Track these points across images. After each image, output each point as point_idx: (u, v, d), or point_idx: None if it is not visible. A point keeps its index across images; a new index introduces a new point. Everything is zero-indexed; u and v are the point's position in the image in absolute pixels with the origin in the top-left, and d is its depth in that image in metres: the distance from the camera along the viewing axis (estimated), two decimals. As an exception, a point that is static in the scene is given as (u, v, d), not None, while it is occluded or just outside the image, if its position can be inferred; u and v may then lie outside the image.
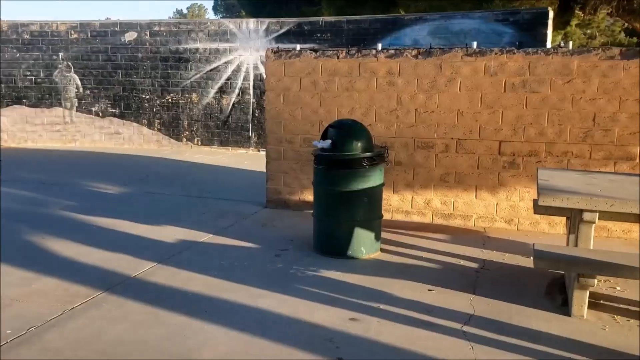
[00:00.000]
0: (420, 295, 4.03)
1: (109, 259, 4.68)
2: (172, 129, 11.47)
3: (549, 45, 8.76)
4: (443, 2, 12.96)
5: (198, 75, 11.15)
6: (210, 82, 11.12)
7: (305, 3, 20.58)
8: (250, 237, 5.36)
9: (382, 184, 4.89)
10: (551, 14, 8.64)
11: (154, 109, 11.49)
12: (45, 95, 11.83)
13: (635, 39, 23.06)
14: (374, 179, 4.78)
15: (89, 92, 11.71)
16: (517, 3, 11.09)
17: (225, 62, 10.98)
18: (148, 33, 11.29)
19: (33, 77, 11.80)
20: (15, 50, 11.71)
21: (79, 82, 11.73)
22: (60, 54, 11.67)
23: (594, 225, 3.61)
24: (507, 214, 5.81)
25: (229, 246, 5.12)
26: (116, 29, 11.42)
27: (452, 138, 5.86)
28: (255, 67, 10.80)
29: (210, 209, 6.48)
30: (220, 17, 42.22)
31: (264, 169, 9.06)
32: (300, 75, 6.26)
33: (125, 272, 4.39)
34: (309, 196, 6.39)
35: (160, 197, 7.03)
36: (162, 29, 11.23)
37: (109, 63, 11.54)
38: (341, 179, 4.71)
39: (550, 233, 5.68)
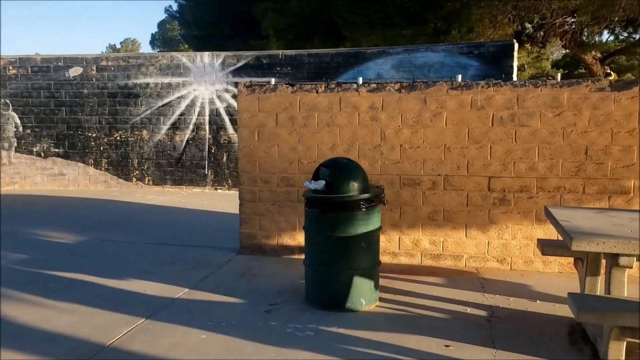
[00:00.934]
0: (438, 351, 3.65)
1: (79, 323, 4.07)
2: (121, 168, 10.77)
3: (514, 78, 8.76)
4: (395, 35, 12.94)
5: (149, 111, 10.57)
6: (162, 118, 10.55)
7: (252, 37, 20.32)
8: (231, 291, 4.85)
9: (380, 228, 4.52)
10: (516, 46, 8.67)
11: (101, 148, 10.77)
12: (-21, 135, 10.90)
13: (560, 71, 23.89)
14: (373, 222, 4.41)
15: (29, 131, 10.88)
16: (472, 35, 11.18)
17: (179, 97, 10.45)
18: (95, 68, 10.65)
19: (-35, 116, 10.86)
20: (-56, 87, 10.78)
21: (18, 121, 10.89)
22: (-4, 91, 10.82)
23: (627, 270, 3.35)
24: (500, 252, 5.55)
25: (210, 302, 4.59)
26: (59, 64, 10.71)
27: (439, 174, 5.59)
28: (211, 102, 10.34)
29: (178, 258, 5.91)
30: (158, 51, 41.33)
31: (226, 209, 8.65)
32: (277, 111, 5.86)
33: (99, 340, 3.79)
34: (287, 240, 5.95)
35: (120, 246, 6.39)
36: (109, 63, 10.62)
37: (51, 100, 10.79)
38: (338, 224, 4.31)
39: (545, 272, 5.45)
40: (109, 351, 3.63)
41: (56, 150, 10.89)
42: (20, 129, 10.90)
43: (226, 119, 10.27)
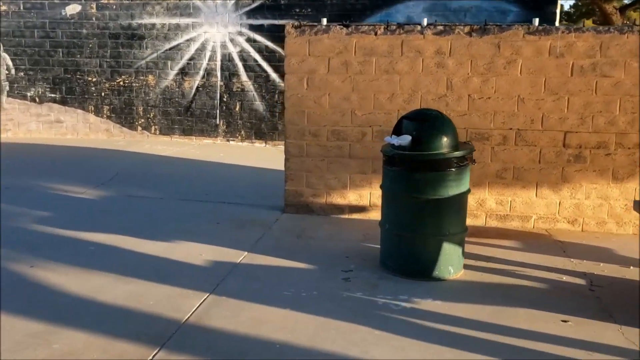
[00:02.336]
0: (559, 329, 3.26)
1: (138, 294, 3.57)
2: (125, 116, 10.06)
3: (557, 24, 8.23)
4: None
5: (155, 55, 9.80)
6: (169, 62, 9.80)
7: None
8: (294, 255, 4.38)
9: (469, 189, 4.06)
10: (560, -9, 8.12)
11: (103, 94, 10.01)
12: (-33, 78, 10.03)
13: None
14: (464, 182, 3.94)
15: (22, 74, 10.04)
16: None
17: (188, 40, 9.69)
18: (94, 6, 9.77)
19: (-49, 56, 9.95)
20: None
21: (9, 63, 10.03)
22: (-15, 29, 9.90)
23: None
24: (571, 213, 5.16)
25: (277, 268, 4.12)
26: (55, 0, 9.80)
27: (510, 128, 5.12)
28: (223, 46, 9.60)
29: (220, 216, 5.40)
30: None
31: (247, 162, 8.10)
32: (329, 55, 5.28)
33: (170, 314, 3.31)
34: (337, 198, 5.47)
35: (150, 203, 5.84)
36: (111, 1, 9.74)
37: (46, 40, 9.92)
38: (428, 185, 3.83)
39: (619, 234, 5.10)
40: (189, 329, 3.15)
41: (52, 95, 10.10)
42: (13, 71, 10.05)
43: (239, 64, 9.57)
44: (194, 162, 8.18)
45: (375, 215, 5.41)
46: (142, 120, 10.03)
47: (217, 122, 9.86)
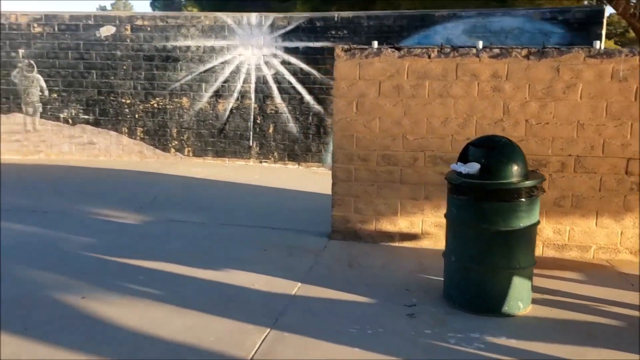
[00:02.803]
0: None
1: (197, 329, 3.41)
2: (158, 138, 10.01)
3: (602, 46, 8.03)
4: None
5: (189, 77, 9.76)
6: (204, 84, 9.76)
7: (273, -1, 19.32)
8: (350, 286, 4.21)
9: (539, 221, 3.87)
10: (606, 12, 7.95)
11: (136, 116, 9.98)
12: (2, 99, 10.07)
13: None
14: (535, 213, 3.76)
15: (56, 95, 10.06)
16: (543, 0, 10.38)
17: (222, 62, 9.65)
18: (129, 28, 9.79)
19: (-14, 78, 10.01)
20: (-36, 46, 9.89)
21: (43, 84, 10.05)
22: (21, 51, 9.96)
23: None
24: (634, 243, 4.93)
25: (335, 301, 3.95)
26: (90, 22, 9.84)
27: (569, 155, 4.93)
28: (258, 68, 9.54)
29: (266, 242, 5.25)
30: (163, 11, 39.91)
31: (284, 185, 7.97)
32: (380, 79, 5.14)
33: (234, 352, 3.14)
34: (386, 225, 5.29)
35: (193, 228, 5.71)
36: (145, 23, 9.76)
37: (80, 62, 9.95)
38: (498, 215, 3.65)
39: (686, 265, 4.85)
40: (255, 369, 2.99)
41: (86, 117, 10.09)
42: (46, 93, 10.08)
43: (274, 87, 9.50)
44: (230, 184, 8.06)
45: (428, 243, 5.24)
46: (176, 142, 9.97)
47: (250, 143, 9.76)
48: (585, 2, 11.71)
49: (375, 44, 5.20)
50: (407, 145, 5.17)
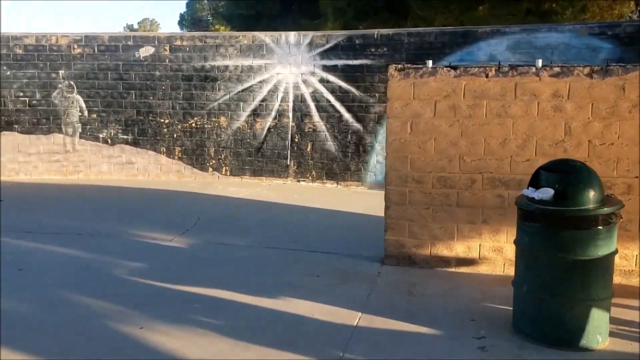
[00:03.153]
0: None
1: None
2: (196, 157, 9.98)
3: (654, 61, 7.81)
4: (480, 14, 11.96)
5: (227, 97, 9.74)
6: (241, 103, 9.72)
7: (303, 16, 19.37)
8: (413, 316, 4.04)
9: (617, 250, 3.67)
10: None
11: (175, 135, 9.98)
12: (42, 120, 10.16)
13: None
14: (613, 241, 3.56)
15: (95, 115, 10.11)
16: (587, 15, 10.19)
17: (260, 81, 9.61)
18: (167, 48, 9.82)
19: (27, 99, 10.12)
20: (5, 68, 10.02)
21: (83, 105, 10.12)
22: (61, 72, 10.05)
23: None
24: None
25: (400, 333, 3.79)
26: (129, 43, 9.90)
27: (636, 177, 4.71)
28: (296, 87, 9.47)
29: (317, 267, 5.11)
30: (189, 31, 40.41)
31: (324, 205, 7.84)
32: (435, 99, 5.00)
33: (304, 391, 3.00)
34: (442, 250, 5.12)
35: (241, 251, 5.60)
36: (184, 43, 9.78)
37: (119, 82, 10.00)
38: (575, 244, 3.46)
39: None
40: (330, 410, 2.84)
41: (124, 137, 10.12)
42: (86, 113, 10.14)
43: (312, 105, 9.42)
44: (270, 204, 7.96)
45: (486, 269, 5.05)
46: (213, 161, 9.93)
47: (288, 162, 9.67)
48: (629, 17, 11.43)
49: (430, 62, 5.06)
50: (464, 167, 5.01)
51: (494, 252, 5.04)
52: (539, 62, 4.86)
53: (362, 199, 8.41)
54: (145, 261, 5.21)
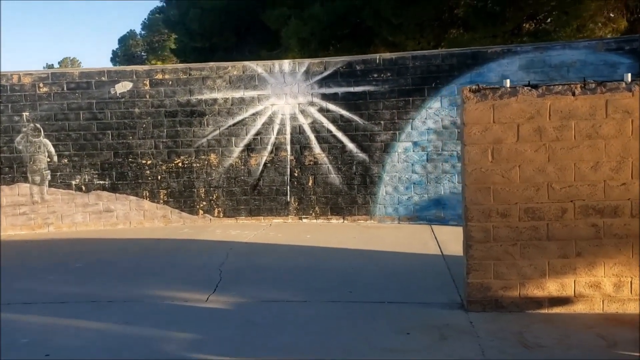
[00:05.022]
0: None
1: None
2: (184, 200, 9.09)
3: (673, 74, 7.69)
4: (458, 37, 11.75)
5: (217, 132, 8.96)
6: (233, 139, 8.96)
7: (261, 46, 18.82)
8: (553, 375, 3.43)
9: None
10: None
11: (159, 177, 9.07)
12: (4, 169, 9.03)
13: None
14: None
15: (66, 160, 9.07)
16: (586, 34, 10.09)
17: (253, 114, 8.90)
18: (147, 82, 8.97)
19: (-15, 146, 8.96)
20: (-41, 112, 8.85)
21: (52, 149, 9.06)
22: (25, 114, 9.00)
23: None
24: None
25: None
26: (103, 78, 8.98)
27: None
28: (293, 118, 8.83)
29: (399, 322, 4.42)
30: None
31: (347, 245, 7.17)
32: (518, 121, 4.49)
33: None
34: (533, 290, 4.56)
35: (298, 309, 4.82)
36: (166, 77, 8.96)
37: (93, 122, 9.03)
38: None
39: None
40: None
41: (101, 182, 9.11)
42: (55, 158, 9.08)
43: (311, 136, 8.79)
44: (286, 248, 7.21)
45: (583, 307, 4.53)
46: (204, 202, 9.07)
47: (288, 199, 8.95)
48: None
49: (508, 82, 4.56)
50: (553, 195, 4.49)
51: (591, 288, 4.53)
52: (628, 77, 4.46)
53: (382, 235, 7.80)
54: (193, 330, 4.35)
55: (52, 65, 59.22)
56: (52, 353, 3.94)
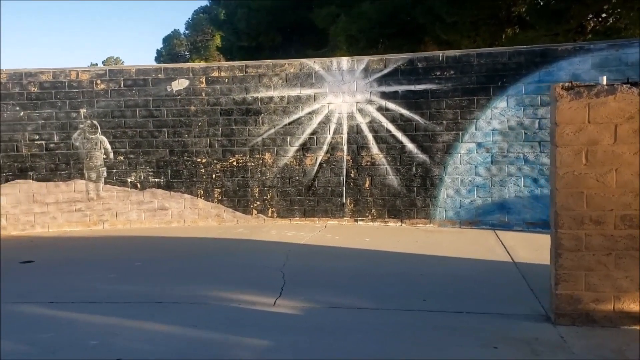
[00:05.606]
0: None
1: None
2: (238, 199, 8.95)
3: None
4: (517, 36, 11.34)
5: (272, 131, 8.79)
6: (289, 138, 8.78)
7: (308, 46, 18.68)
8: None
9: None
10: None
11: (214, 176, 8.96)
12: (61, 165, 9.04)
13: None
14: None
15: (122, 157, 9.03)
16: (636, 30, 9.56)
17: (309, 113, 8.70)
18: (204, 80, 8.86)
19: (43, 142, 9.00)
20: (18, 108, 8.92)
21: (108, 146, 9.04)
22: (82, 111, 8.99)
23: None
24: None
25: None
26: (159, 76, 8.91)
27: None
28: (350, 117, 8.59)
29: (483, 335, 4.14)
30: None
31: (410, 249, 6.90)
32: (616, 121, 4.16)
33: None
34: (629, 304, 4.22)
35: (370, 317, 4.59)
36: (222, 74, 8.84)
37: (149, 120, 8.97)
38: None
39: None
40: None
41: (156, 180, 9.05)
42: (111, 155, 9.05)
43: (369, 136, 8.54)
44: (346, 251, 6.99)
45: (685, 324, 4.15)
46: (258, 202, 8.92)
47: (344, 200, 8.72)
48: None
49: (605, 79, 4.23)
50: (652, 202, 4.14)
51: (693, 304, 4.16)
52: None
53: (444, 239, 7.50)
54: (265, 336, 4.16)
55: (96, 64, 60.55)
56: (123, 356, 3.80)
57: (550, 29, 10.48)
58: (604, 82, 4.21)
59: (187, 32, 45.45)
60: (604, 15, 10.41)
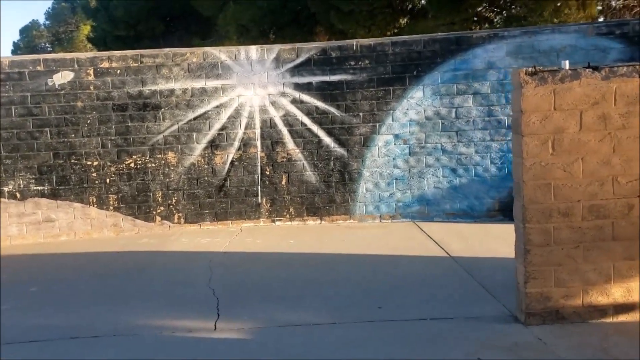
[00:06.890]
0: None
1: None
2: (138, 205, 8.01)
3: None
4: (415, 26, 11.30)
5: (175, 127, 7.95)
6: (194, 134, 7.98)
7: (193, 35, 17.65)
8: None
9: None
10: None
11: (108, 180, 7.93)
12: None
13: None
14: None
15: (-4, 164, 7.74)
16: (561, 19, 9.80)
17: (217, 106, 7.96)
18: (91, 72, 7.80)
19: None
20: None
21: (-23, 151, 7.70)
22: (-59, 110, 7.57)
23: None
24: None
25: None
26: (38, 68, 7.72)
27: None
28: (263, 110, 7.98)
29: (458, 344, 3.80)
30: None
31: (340, 250, 6.51)
32: (581, 108, 3.97)
33: None
34: (597, 297, 4.09)
35: (327, 334, 4.08)
36: (113, 65, 7.83)
37: (28, 119, 7.75)
38: None
39: None
40: None
41: (39, 188, 7.85)
42: (-19, 162, 7.73)
43: (284, 130, 7.98)
44: (272, 256, 6.43)
45: (650, 313, 4.08)
46: (162, 208, 8.04)
47: (259, 200, 8.10)
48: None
49: (567, 63, 4.02)
50: (618, 190, 4.02)
51: (658, 292, 4.10)
52: None
53: (370, 236, 7.17)
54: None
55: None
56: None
57: (446, 19, 10.53)
58: (567, 67, 4.01)
59: (47, 22, 41.87)
60: (499, 4, 10.63)
